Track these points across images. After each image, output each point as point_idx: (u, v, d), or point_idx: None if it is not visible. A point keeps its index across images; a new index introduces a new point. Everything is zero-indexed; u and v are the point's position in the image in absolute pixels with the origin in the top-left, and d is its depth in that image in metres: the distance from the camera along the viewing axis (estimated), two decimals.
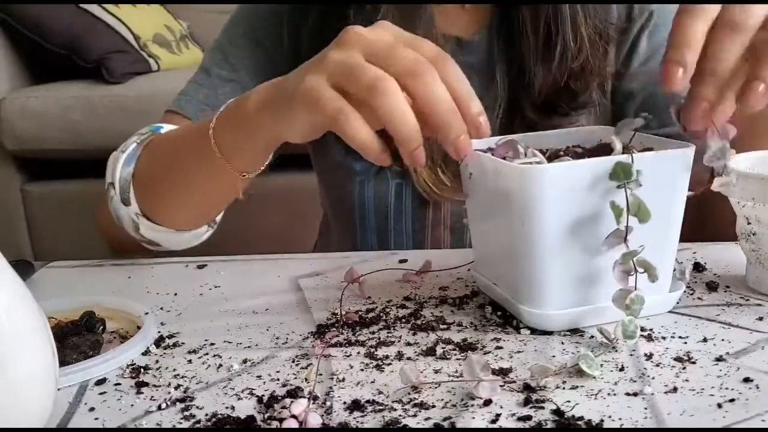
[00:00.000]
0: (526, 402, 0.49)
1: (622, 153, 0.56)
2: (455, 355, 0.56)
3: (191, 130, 0.78)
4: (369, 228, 0.91)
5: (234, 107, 0.69)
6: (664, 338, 0.57)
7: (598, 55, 0.82)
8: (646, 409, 0.47)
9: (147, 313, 0.64)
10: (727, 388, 0.49)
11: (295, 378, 0.54)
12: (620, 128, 0.59)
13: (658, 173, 0.56)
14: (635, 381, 0.51)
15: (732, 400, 0.48)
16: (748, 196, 0.61)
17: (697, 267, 0.69)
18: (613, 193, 0.55)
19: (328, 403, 0.50)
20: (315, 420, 0.48)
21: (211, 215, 0.82)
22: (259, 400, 0.51)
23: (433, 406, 0.49)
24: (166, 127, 0.83)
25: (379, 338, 0.60)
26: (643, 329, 0.58)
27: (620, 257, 0.55)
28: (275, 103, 0.63)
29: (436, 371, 0.54)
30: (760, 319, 0.59)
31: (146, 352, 0.60)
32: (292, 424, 0.47)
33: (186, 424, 0.49)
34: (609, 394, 0.49)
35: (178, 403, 0.52)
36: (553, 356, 0.55)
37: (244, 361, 0.57)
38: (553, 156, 0.61)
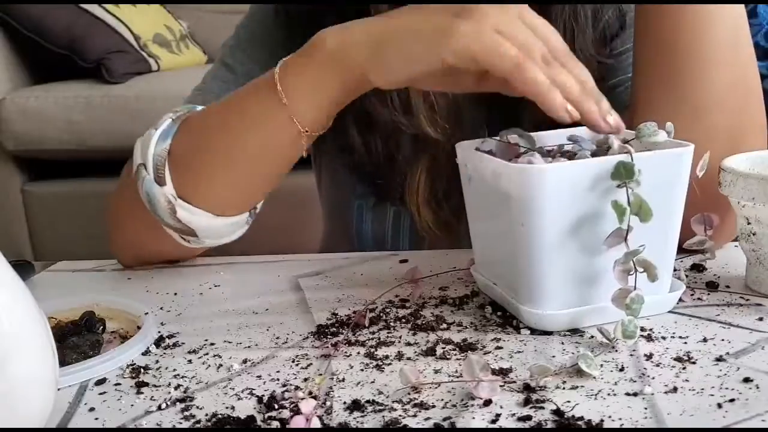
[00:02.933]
0: (526, 402, 0.49)
1: (621, 152, 0.56)
2: (455, 355, 0.56)
3: (245, 88, 0.72)
4: (365, 247, 0.90)
5: (308, 50, 0.66)
6: (664, 338, 0.57)
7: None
8: (646, 409, 0.47)
9: (147, 313, 0.64)
10: (727, 388, 0.49)
11: (295, 378, 0.54)
12: (503, 134, 0.63)
13: (659, 173, 0.56)
14: (635, 381, 0.51)
15: (732, 400, 0.48)
16: (748, 196, 0.61)
17: (697, 267, 0.69)
18: (614, 193, 0.55)
19: (328, 403, 0.50)
20: (315, 420, 0.48)
21: (256, 196, 0.74)
22: (259, 400, 0.51)
23: (433, 406, 0.49)
24: (201, 108, 0.77)
25: (379, 338, 0.60)
26: (643, 329, 0.58)
27: (621, 257, 0.55)
28: (380, 43, 0.62)
29: (436, 371, 0.54)
30: (760, 319, 0.59)
31: (146, 352, 0.60)
32: (300, 421, 0.47)
33: (186, 424, 0.49)
34: (609, 394, 0.49)
35: (178, 403, 0.52)
36: (553, 356, 0.55)
37: (244, 361, 0.57)
38: (554, 155, 0.61)
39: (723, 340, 0.56)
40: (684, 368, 0.52)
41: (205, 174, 0.71)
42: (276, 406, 0.50)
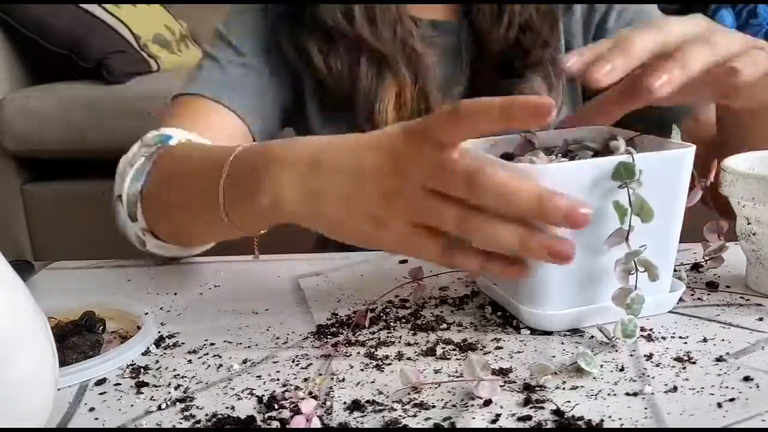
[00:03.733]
0: (526, 402, 0.49)
1: (623, 153, 0.56)
2: (455, 355, 0.56)
3: (202, 164, 0.70)
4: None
5: (248, 180, 0.60)
6: (664, 338, 0.57)
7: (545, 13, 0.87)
8: (646, 409, 0.47)
9: (147, 313, 0.64)
10: (727, 388, 0.49)
11: (295, 378, 0.54)
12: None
13: (660, 173, 0.56)
14: (635, 381, 0.51)
15: (732, 400, 0.48)
16: (748, 196, 0.61)
17: (697, 267, 0.69)
18: (615, 193, 0.55)
19: (328, 403, 0.50)
20: (315, 420, 0.48)
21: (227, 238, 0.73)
22: (259, 400, 0.51)
23: (433, 406, 0.49)
24: (176, 137, 0.78)
25: (379, 338, 0.60)
26: (643, 329, 0.58)
27: (623, 257, 0.55)
28: (316, 215, 0.57)
29: (436, 371, 0.54)
30: (760, 319, 0.59)
31: (146, 352, 0.60)
32: (300, 421, 0.47)
33: (186, 424, 0.49)
34: (609, 394, 0.49)
35: (178, 403, 0.52)
36: (553, 356, 0.55)
37: (244, 361, 0.57)
38: (556, 155, 0.61)
39: (723, 340, 0.56)
40: (684, 368, 0.52)
41: (172, 220, 0.75)
42: (276, 406, 0.50)
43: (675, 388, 0.49)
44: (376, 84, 0.85)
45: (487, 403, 0.49)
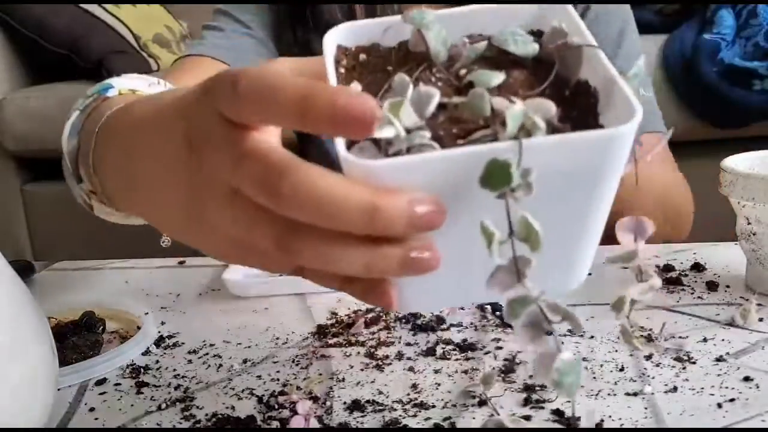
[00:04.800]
0: (526, 402, 0.49)
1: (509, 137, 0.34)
2: (455, 355, 0.56)
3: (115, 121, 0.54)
4: None
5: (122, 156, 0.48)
6: (664, 338, 0.57)
7: None
8: (646, 409, 0.47)
9: (147, 313, 0.64)
10: (727, 388, 0.49)
11: (295, 378, 0.54)
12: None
13: (570, 166, 0.35)
14: (635, 381, 0.51)
15: (732, 400, 0.48)
16: (749, 196, 0.61)
17: (697, 267, 0.69)
18: (487, 204, 0.34)
19: (328, 403, 0.50)
20: (313, 420, 0.48)
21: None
22: (259, 400, 0.51)
23: (433, 406, 0.49)
24: (116, 87, 0.64)
25: (379, 338, 0.60)
26: (642, 329, 0.58)
27: (516, 299, 0.36)
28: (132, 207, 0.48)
29: (436, 371, 0.54)
30: (760, 319, 0.59)
31: (146, 352, 0.60)
32: (300, 421, 0.47)
33: (186, 424, 0.49)
34: (609, 394, 0.49)
35: (178, 403, 0.52)
36: None
37: (244, 361, 0.57)
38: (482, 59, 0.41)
39: (723, 340, 0.56)
40: (684, 368, 0.52)
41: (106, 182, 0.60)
42: (276, 406, 0.50)
43: (675, 388, 0.49)
44: None
45: (487, 403, 0.49)
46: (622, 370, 0.52)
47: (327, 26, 0.53)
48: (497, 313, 0.63)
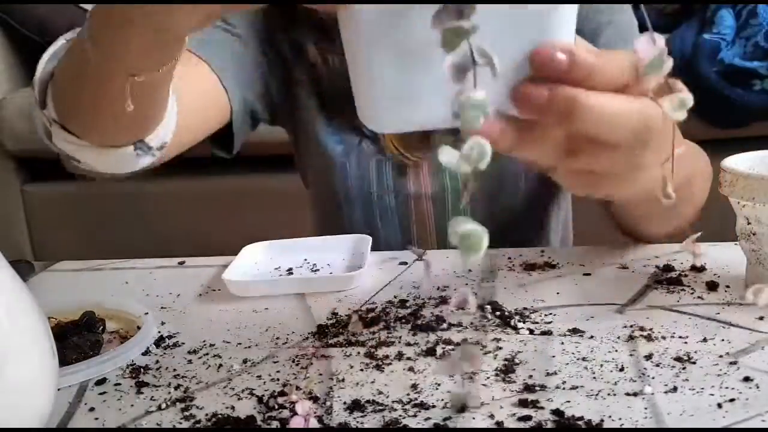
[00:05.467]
0: (526, 402, 0.49)
1: None
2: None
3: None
4: (354, 208, 0.91)
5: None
6: (664, 338, 0.57)
7: None
8: (646, 409, 0.47)
9: (147, 313, 0.64)
10: (727, 388, 0.49)
11: (295, 378, 0.54)
12: None
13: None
14: (635, 381, 0.51)
15: (732, 400, 0.48)
16: (749, 196, 0.61)
17: (697, 267, 0.69)
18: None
19: (328, 403, 0.50)
20: (313, 420, 0.48)
21: (125, 132, 0.65)
22: (259, 400, 0.51)
23: (433, 406, 0.49)
24: None
25: (379, 338, 0.60)
26: (642, 329, 0.58)
27: (451, 28, 0.38)
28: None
29: (437, 371, 0.54)
30: (761, 319, 0.59)
31: (146, 352, 0.60)
32: (300, 421, 0.47)
33: (186, 424, 0.49)
34: (609, 394, 0.49)
35: (178, 403, 0.52)
36: (553, 356, 0.55)
37: (244, 361, 0.57)
38: None
39: (723, 340, 0.56)
40: (684, 368, 0.52)
41: (74, 103, 0.63)
42: (276, 406, 0.50)
43: (675, 388, 0.49)
44: None
45: (487, 403, 0.49)
46: (622, 370, 0.52)
47: (320, 26, 0.52)
48: (497, 313, 0.63)
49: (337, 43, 0.84)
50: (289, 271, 0.75)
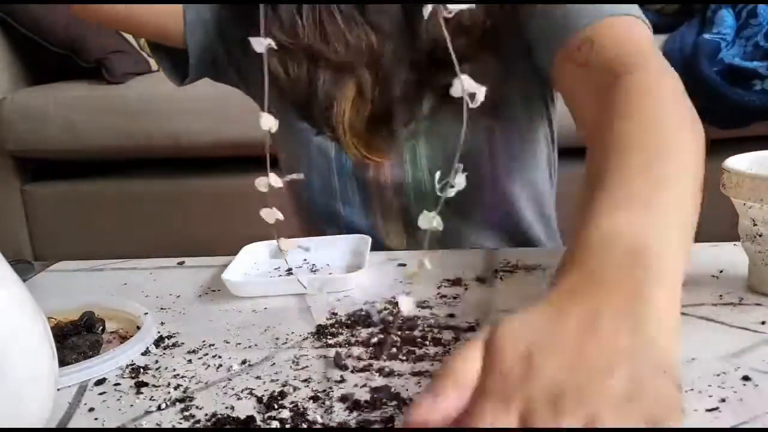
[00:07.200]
0: None
1: None
2: None
3: None
4: (316, 188, 0.89)
5: None
6: None
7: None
8: None
9: (147, 313, 0.64)
10: (727, 388, 0.49)
11: (295, 378, 0.54)
12: None
13: None
14: None
15: (732, 400, 0.47)
16: (756, 197, 0.60)
17: (697, 267, 0.69)
18: None
19: (328, 403, 0.50)
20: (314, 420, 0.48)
21: None
22: (259, 400, 0.51)
23: None
24: None
25: (379, 338, 0.60)
26: None
27: None
28: None
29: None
30: (763, 324, 0.59)
31: (146, 352, 0.60)
32: (298, 421, 0.47)
33: (186, 424, 0.49)
34: None
35: (177, 403, 0.52)
36: None
37: (244, 362, 0.57)
38: None
39: (723, 340, 0.56)
40: (684, 368, 0.52)
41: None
42: (276, 406, 0.50)
43: None
44: (335, 87, 0.83)
45: None
46: None
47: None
48: (497, 313, 0.63)
49: (299, 54, 0.83)
50: (289, 272, 0.75)
